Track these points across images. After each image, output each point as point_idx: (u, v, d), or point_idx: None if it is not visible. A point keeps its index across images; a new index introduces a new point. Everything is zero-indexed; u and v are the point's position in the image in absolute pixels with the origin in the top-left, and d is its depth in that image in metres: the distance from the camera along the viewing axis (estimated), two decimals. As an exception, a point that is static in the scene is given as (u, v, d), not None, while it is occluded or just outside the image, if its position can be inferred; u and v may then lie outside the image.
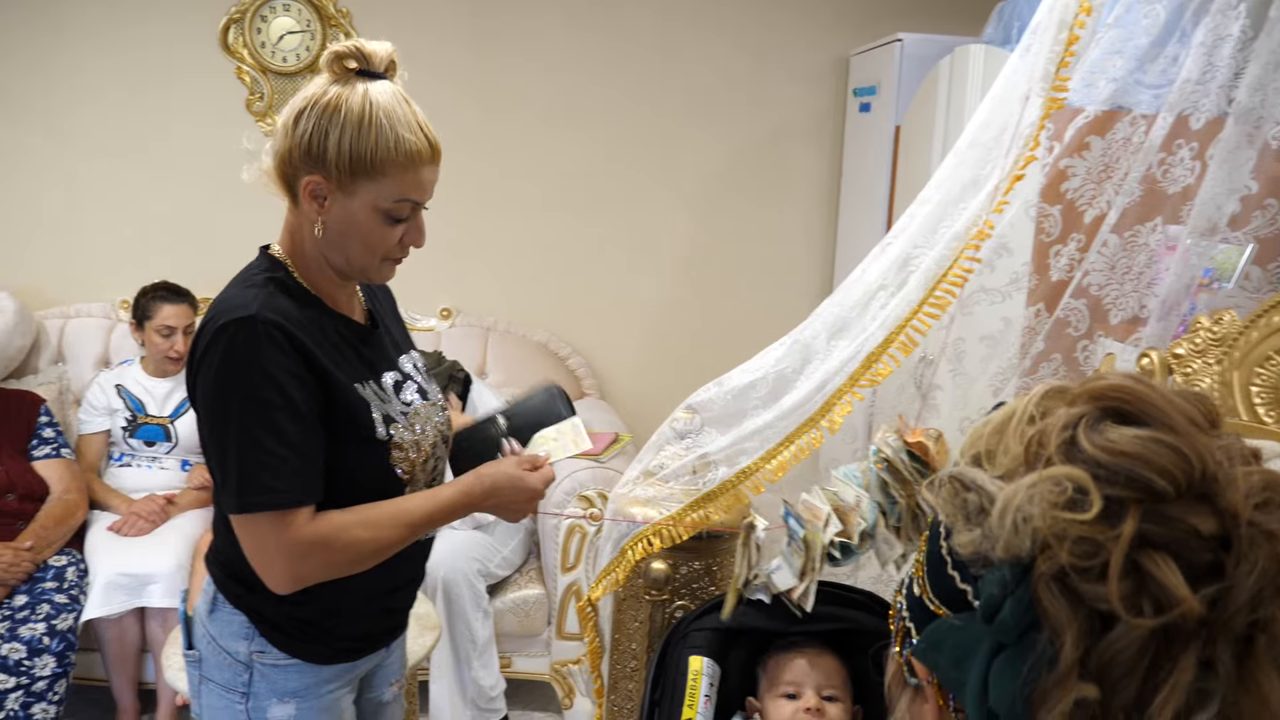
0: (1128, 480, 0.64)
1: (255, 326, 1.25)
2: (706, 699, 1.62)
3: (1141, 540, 0.63)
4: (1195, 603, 0.62)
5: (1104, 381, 0.69)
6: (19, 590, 2.65)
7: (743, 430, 1.72)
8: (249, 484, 1.25)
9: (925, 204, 1.52)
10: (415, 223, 1.36)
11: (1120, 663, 0.64)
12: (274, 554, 1.29)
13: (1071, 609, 0.64)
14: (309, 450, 1.28)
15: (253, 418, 1.25)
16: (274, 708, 1.42)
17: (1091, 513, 0.63)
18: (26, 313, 3.29)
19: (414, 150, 1.29)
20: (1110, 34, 1.40)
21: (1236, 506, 0.64)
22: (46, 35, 3.39)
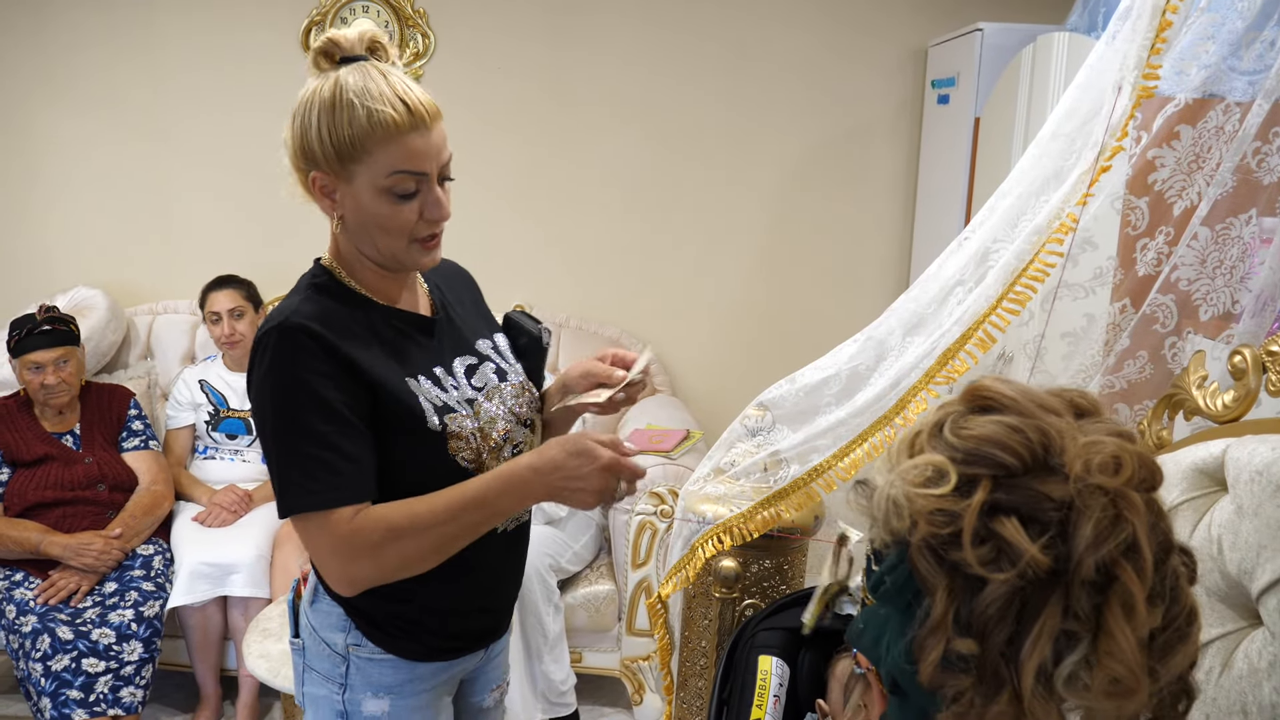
0: (980, 459, 0.77)
1: (285, 334, 1.26)
2: (776, 699, 1.61)
3: (993, 507, 0.75)
4: (1039, 553, 0.73)
5: (977, 383, 0.83)
6: (109, 577, 2.75)
7: (815, 427, 1.70)
8: (288, 487, 1.26)
9: (1005, 197, 1.48)
10: (430, 196, 1.29)
11: (991, 615, 0.75)
12: (325, 556, 1.28)
13: (941, 571, 0.76)
14: (348, 449, 1.26)
15: (287, 422, 1.25)
16: (369, 701, 1.42)
17: (946, 487, 0.76)
18: (118, 309, 3.41)
19: (388, 120, 1.23)
20: (1202, 19, 1.34)
21: (1076, 470, 0.76)
22: (147, 41, 3.51)
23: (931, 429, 0.81)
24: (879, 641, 0.81)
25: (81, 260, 3.62)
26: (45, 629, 2.59)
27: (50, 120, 3.55)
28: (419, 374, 1.35)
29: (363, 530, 1.25)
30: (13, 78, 3.52)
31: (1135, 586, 0.75)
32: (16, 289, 3.56)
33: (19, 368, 2.85)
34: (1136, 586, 0.75)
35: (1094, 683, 0.75)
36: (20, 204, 3.62)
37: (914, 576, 0.77)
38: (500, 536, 1.46)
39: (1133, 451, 0.78)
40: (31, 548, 2.71)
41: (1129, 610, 0.75)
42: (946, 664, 0.77)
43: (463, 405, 1.38)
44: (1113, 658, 0.75)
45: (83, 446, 2.92)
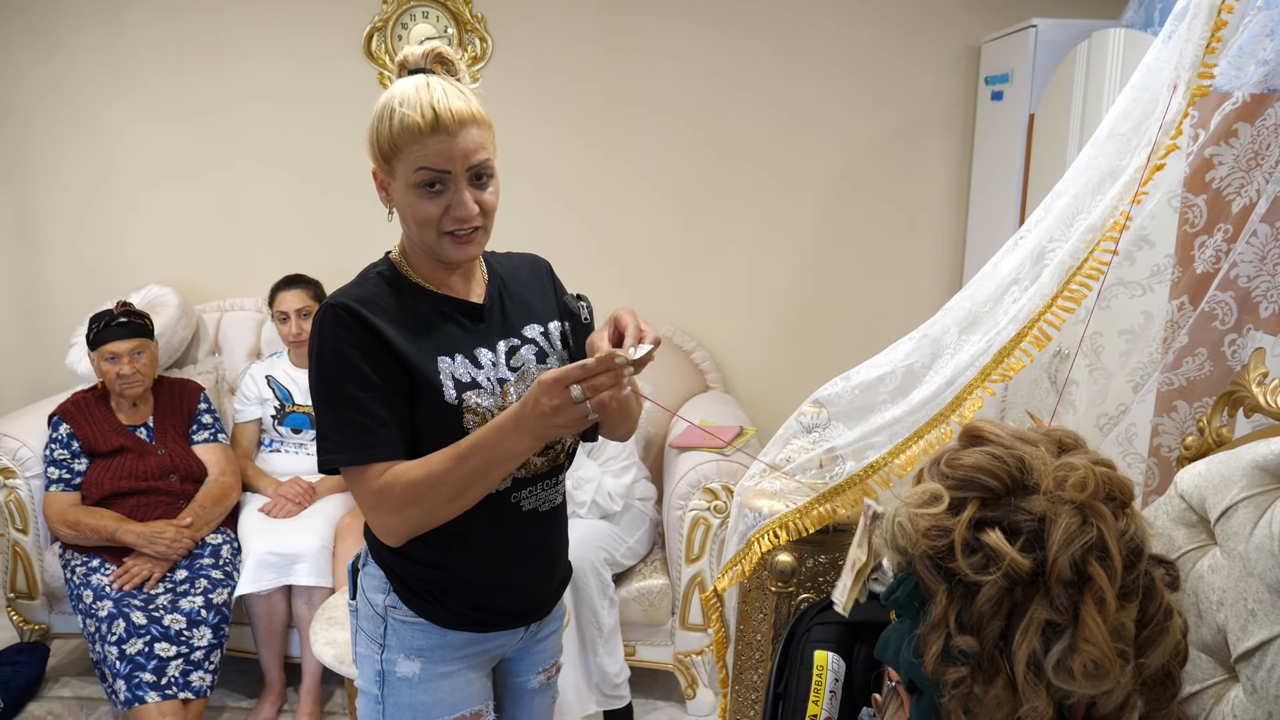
0: (968, 483, 0.94)
1: (328, 311, 1.43)
2: (832, 695, 1.62)
3: (979, 523, 0.92)
4: (1016, 554, 0.90)
5: (968, 425, 1.02)
6: (180, 565, 2.84)
7: (870, 425, 1.72)
8: (327, 445, 1.42)
9: (1061, 196, 1.49)
10: (457, 195, 1.41)
11: (985, 613, 0.90)
12: (365, 509, 1.44)
13: (940, 578, 0.92)
14: (379, 413, 1.40)
15: (327, 388, 1.41)
16: (402, 662, 1.55)
17: (940, 508, 0.93)
18: (188, 306, 3.51)
19: (411, 123, 1.37)
20: (1260, 16, 1.34)
21: (1047, 486, 0.93)
22: (215, 46, 3.61)
23: (930, 464, 0.99)
24: (898, 651, 0.95)
25: (153, 259, 3.74)
26: (120, 614, 2.68)
27: (122, 124, 3.67)
28: (455, 353, 1.48)
29: (388, 486, 1.39)
30: (88, 84, 3.64)
31: (1104, 582, 0.89)
32: (93, 288, 3.69)
33: (97, 359, 2.96)
34: (1105, 582, 0.89)
35: (1074, 667, 0.88)
36: (96, 206, 3.74)
37: (919, 585, 0.92)
38: (525, 514, 1.54)
39: (1101, 473, 0.94)
40: (107, 535, 2.81)
41: (1100, 603, 0.89)
42: (948, 657, 0.92)
43: (492, 384, 1.50)
44: (1088, 643, 0.88)
45: (156, 439, 3.02)
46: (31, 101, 3.67)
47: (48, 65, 3.64)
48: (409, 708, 1.55)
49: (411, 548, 1.48)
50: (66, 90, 3.66)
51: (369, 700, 1.58)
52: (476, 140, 1.40)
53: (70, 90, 3.66)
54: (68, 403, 3.01)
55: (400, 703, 1.55)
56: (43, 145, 3.71)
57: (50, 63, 3.64)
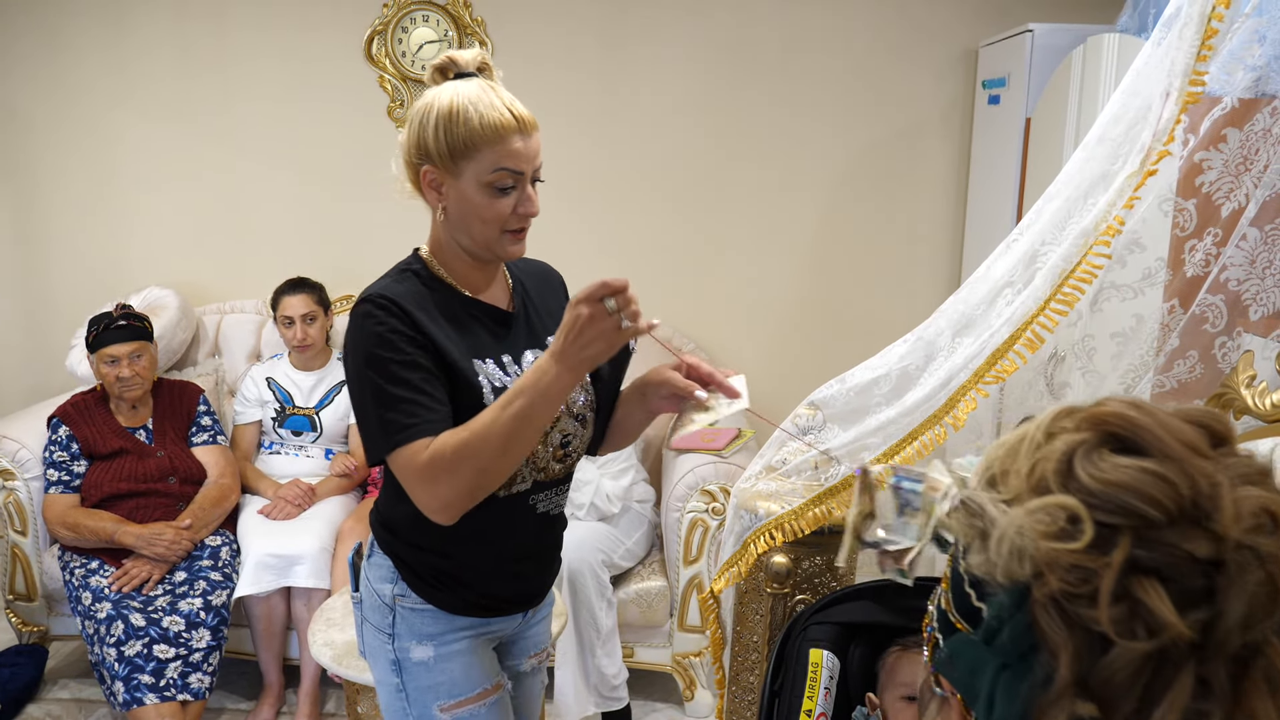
0: (1119, 508, 0.66)
1: (368, 304, 1.44)
2: (826, 692, 1.64)
3: (1132, 566, 0.65)
4: (1184, 627, 0.64)
5: (1105, 408, 0.71)
6: (179, 567, 2.85)
7: (865, 426, 1.73)
8: (374, 436, 1.41)
9: (1053, 199, 1.50)
10: (524, 193, 1.47)
11: (1117, 683, 0.66)
12: (415, 487, 1.41)
13: (1067, 631, 0.67)
14: (429, 391, 1.42)
15: (375, 374, 1.41)
16: (416, 649, 1.58)
17: (1083, 541, 0.66)
18: (188, 308, 3.52)
19: (497, 124, 1.41)
20: (1250, 22, 1.35)
21: (1228, 530, 0.65)
22: (218, 50, 3.62)
23: (1059, 463, 0.70)
24: (974, 677, 0.75)
25: (154, 261, 3.75)
26: (119, 615, 2.69)
27: (125, 126, 3.68)
28: (486, 357, 1.51)
29: (438, 453, 1.37)
30: (92, 85, 3.65)
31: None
32: (93, 289, 3.70)
33: (96, 362, 2.96)
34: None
35: None
36: (97, 208, 3.75)
37: (1032, 630, 0.69)
38: (538, 516, 1.60)
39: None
40: (106, 537, 2.82)
41: (1275, 687, 0.68)
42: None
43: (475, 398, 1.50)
44: None
45: (155, 440, 3.03)
46: (34, 103, 3.68)
47: (51, 67, 3.65)
48: (430, 689, 1.59)
49: (426, 538, 1.53)
50: (69, 92, 3.67)
51: (390, 690, 1.62)
52: (538, 143, 1.48)
53: (73, 92, 3.67)
54: (67, 405, 3.02)
55: (421, 685, 1.59)
56: (45, 147, 3.72)
57: (54, 65, 3.65)
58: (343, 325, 3.54)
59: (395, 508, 1.56)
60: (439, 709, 1.60)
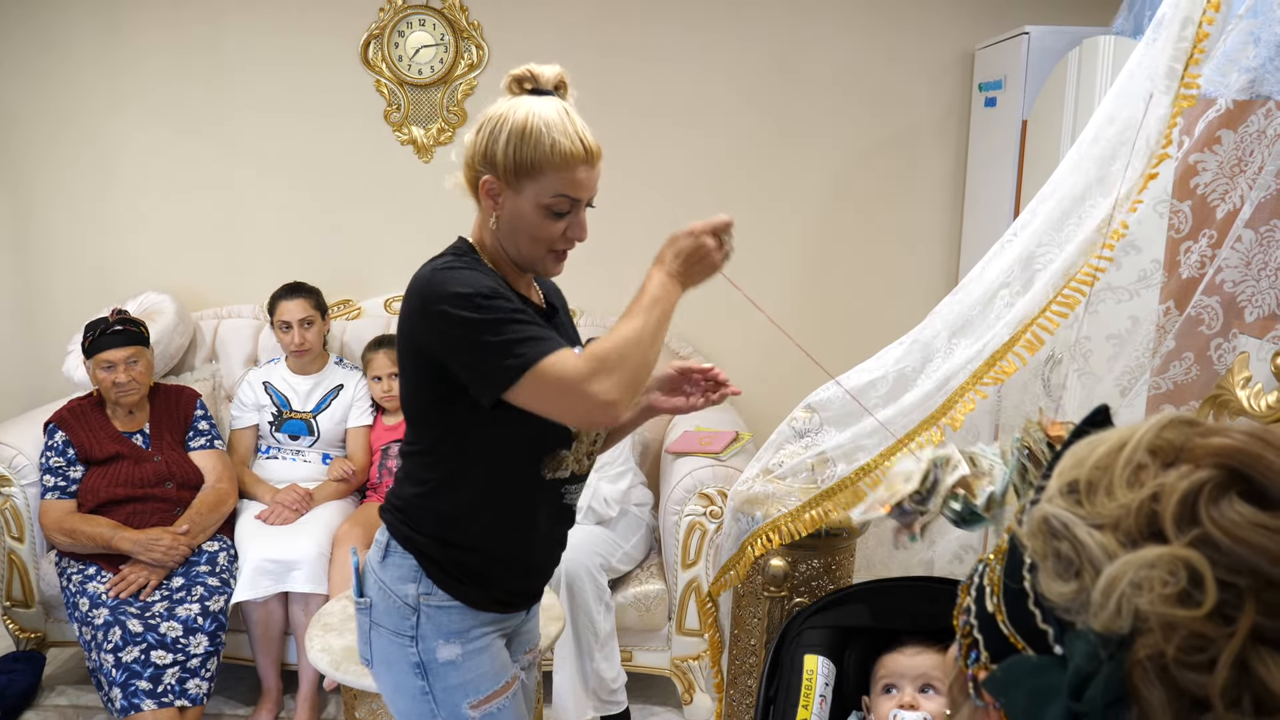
0: (1248, 570, 0.60)
1: (449, 258, 1.51)
2: (821, 699, 1.63)
3: (1254, 634, 0.59)
4: None
5: (1234, 441, 0.63)
6: (176, 573, 2.84)
7: (862, 428, 1.73)
8: (519, 347, 1.40)
9: (1047, 200, 1.50)
10: (577, 218, 1.52)
11: None
12: (578, 386, 1.40)
13: (1167, 696, 0.61)
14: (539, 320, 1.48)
15: (486, 307, 1.41)
16: (442, 648, 1.58)
17: (1205, 609, 0.59)
18: (185, 313, 3.52)
19: (567, 152, 1.45)
20: (1243, 24, 1.35)
21: None
22: (214, 54, 3.63)
23: (1180, 504, 0.62)
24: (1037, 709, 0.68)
25: (150, 266, 3.75)
26: (116, 621, 2.68)
27: (122, 132, 3.68)
28: None
29: (599, 351, 1.41)
30: (89, 91, 3.66)
31: None
32: (90, 295, 3.69)
33: (92, 367, 2.96)
34: None
35: None
36: (93, 212, 3.75)
37: (1123, 685, 0.63)
38: (563, 507, 1.67)
39: None
40: (103, 542, 2.81)
41: None
42: None
43: None
44: None
45: (152, 445, 3.03)
46: (32, 109, 3.68)
47: (49, 73, 3.66)
48: (459, 688, 1.59)
49: (455, 533, 1.55)
50: (67, 98, 3.67)
51: (412, 695, 1.60)
52: (599, 172, 1.54)
53: (71, 98, 3.67)
54: (63, 410, 3.01)
55: (449, 686, 1.59)
56: (42, 152, 3.72)
57: (51, 70, 3.65)
58: (339, 329, 3.55)
59: (421, 505, 1.57)
60: (469, 706, 1.60)
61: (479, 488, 1.55)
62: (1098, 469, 0.65)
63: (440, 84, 3.59)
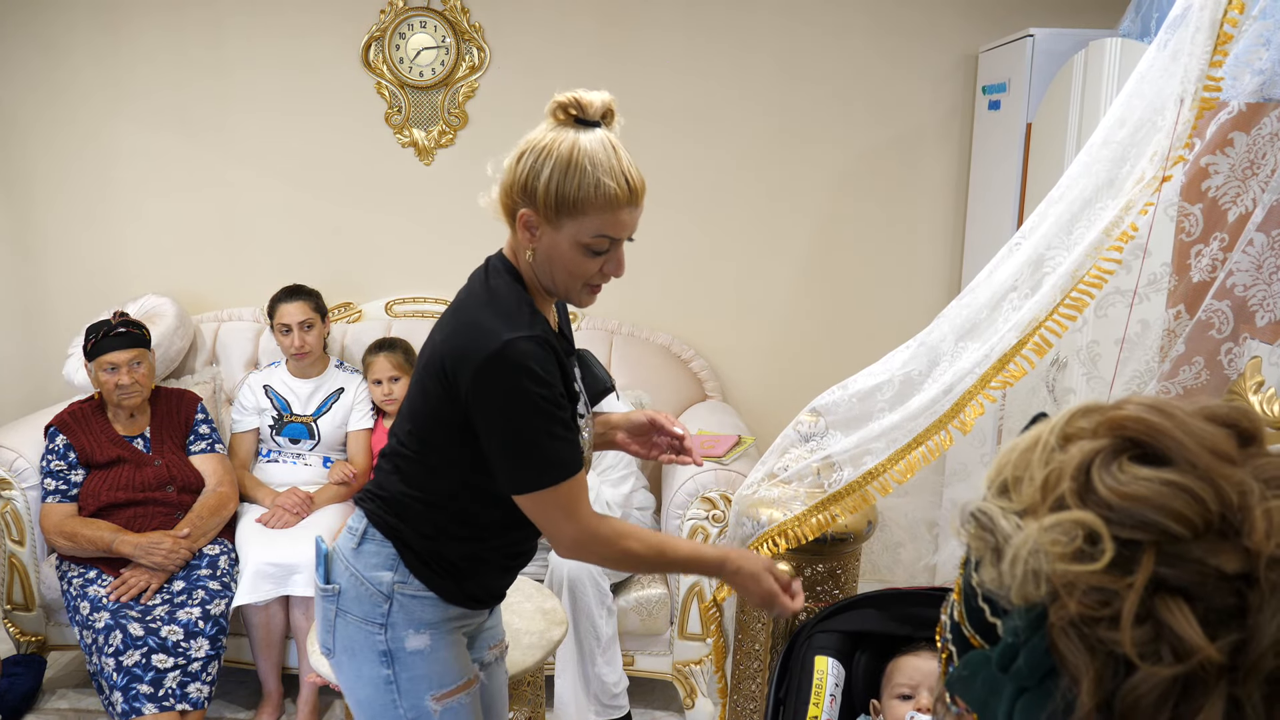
0: (1141, 524, 0.62)
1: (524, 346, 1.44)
2: (832, 699, 1.63)
3: (1157, 585, 0.61)
4: (1213, 651, 0.60)
5: (1124, 412, 0.67)
6: (177, 576, 2.83)
7: (868, 432, 1.72)
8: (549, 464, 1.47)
9: (1056, 203, 1.49)
10: (615, 255, 1.49)
11: (1143, 708, 0.62)
12: (569, 511, 1.49)
13: (1088, 655, 0.63)
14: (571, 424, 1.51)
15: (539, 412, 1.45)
16: (412, 637, 1.59)
17: (1102, 562, 0.62)
18: (185, 316, 3.51)
19: (612, 194, 1.41)
20: (1255, 26, 1.34)
21: (1260, 544, 0.61)
22: (215, 58, 3.62)
23: (1075, 474, 0.65)
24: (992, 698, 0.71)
25: (151, 269, 3.74)
26: (117, 625, 2.67)
27: (122, 134, 3.68)
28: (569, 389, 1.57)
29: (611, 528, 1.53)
30: (89, 94, 3.65)
31: None
32: (90, 298, 3.69)
33: (95, 370, 2.95)
34: None
35: None
36: (94, 215, 3.74)
37: (1050, 654, 0.65)
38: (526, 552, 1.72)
39: None
40: (104, 546, 2.80)
41: None
42: None
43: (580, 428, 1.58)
44: None
45: (152, 449, 3.02)
46: (32, 112, 3.68)
47: (49, 76, 3.65)
48: (424, 679, 1.60)
49: (444, 528, 1.57)
50: (67, 101, 3.66)
51: (376, 684, 1.60)
52: (640, 212, 1.50)
53: (71, 101, 3.66)
54: (64, 413, 3.00)
55: (415, 675, 1.59)
56: (42, 155, 3.71)
57: (51, 74, 3.64)
58: (340, 332, 3.55)
59: (407, 496, 1.57)
60: (432, 698, 1.60)
61: (470, 504, 1.57)
62: (1019, 464, 0.69)
63: (441, 86, 3.58)
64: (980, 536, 0.69)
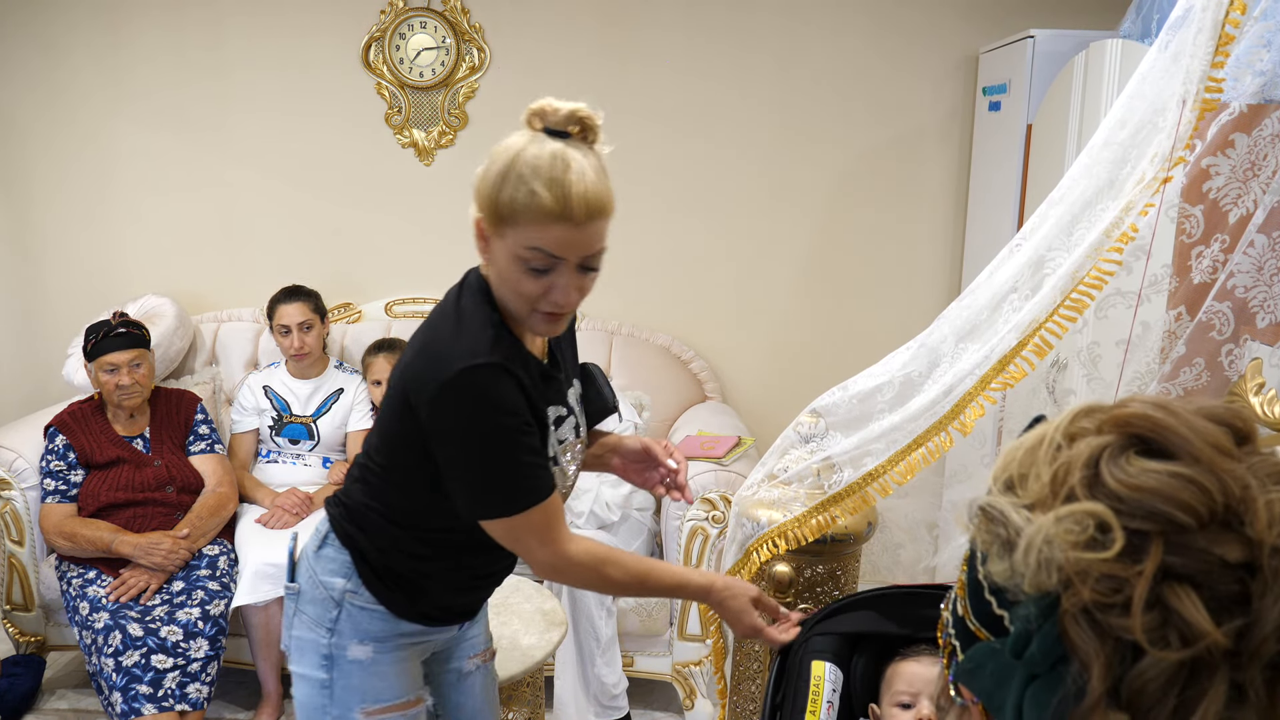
0: (1150, 514, 0.65)
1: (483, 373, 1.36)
2: (829, 705, 1.62)
3: (1165, 573, 0.65)
4: (1220, 635, 0.63)
5: (1129, 409, 0.70)
6: (177, 577, 2.83)
7: (869, 433, 1.72)
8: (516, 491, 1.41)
9: (1057, 204, 1.49)
10: (561, 280, 1.35)
11: (1150, 692, 0.65)
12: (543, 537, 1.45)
13: (1099, 642, 0.66)
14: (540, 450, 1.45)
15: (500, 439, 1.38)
16: (354, 647, 1.56)
17: (1113, 550, 0.65)
18: (185, 317, 3.51)
19: (542, 205, 1.29)
20: (1256, 27, 1.34)
21: (1262, 534, 0.64)
22: (215, 58, 3.62)
23: (1084, 468, 0.69)
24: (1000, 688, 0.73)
25: (150, 270, 3.74)
26: (116, 625, 2.67)
27: (122, 135, 3.67)
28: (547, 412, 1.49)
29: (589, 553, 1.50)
30: (89, 94, 3.65)
31: None
32: (90, 298, 3.69)
33: (95, 370, 2.95)
34: None
35: None
36: (93, 216, 3.74)
37: (1061, 641, 0.68)
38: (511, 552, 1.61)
39: None
40: (104, 546, 2.80)
41: None
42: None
43: (556, 458, 1.51)
44: None
45: (152, 450, 3.02)
46: (31, 112, 3.68)
47: (48, 76, 3.65)
48: (358, 690, 1.57)
49: (401, 544, 1.52)
50: (66, 101, 3.66)
51: (313, 686, 1.58)
52: (596, 234, 1.35)
53: (70, 101, 3.66)
54: (64, 414, 3.00)
55: (350, 685, 1.57)
56: (42, 156, 3.71)
57: (51, 74, 3.64)
58: (339, 333, 3.54)
59: (368, 508, 1.53)
60: (362, 712, 1.58)
61: (432, 524, 1.52)
62: (1025, 462, 0.72)
63: (441, 87, 3.58)
64: (990, 530, 0.71)
